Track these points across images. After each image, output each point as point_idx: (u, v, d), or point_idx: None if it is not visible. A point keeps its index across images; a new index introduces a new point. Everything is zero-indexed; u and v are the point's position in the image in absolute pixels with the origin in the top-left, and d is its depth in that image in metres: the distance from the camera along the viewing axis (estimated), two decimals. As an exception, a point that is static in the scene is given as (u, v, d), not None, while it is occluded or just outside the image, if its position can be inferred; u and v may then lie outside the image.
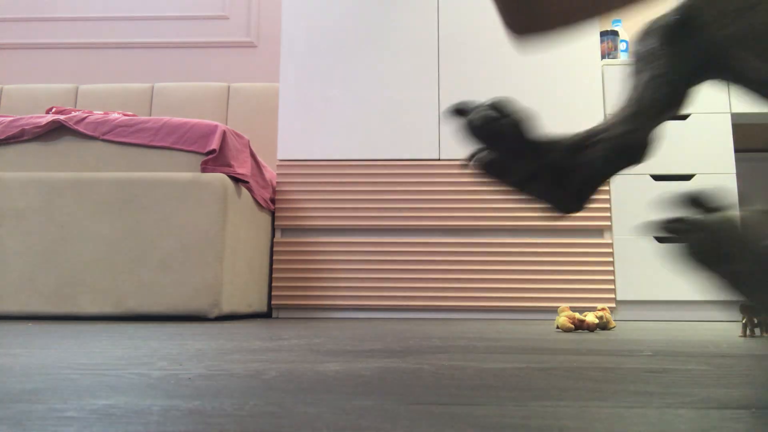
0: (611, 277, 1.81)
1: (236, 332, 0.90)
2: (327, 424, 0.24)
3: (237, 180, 1.56)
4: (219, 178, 1.46)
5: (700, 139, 1.92)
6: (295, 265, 1.86)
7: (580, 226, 1.84)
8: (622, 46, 2.22)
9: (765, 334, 0.84)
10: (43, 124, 1.51)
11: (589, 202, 0.54)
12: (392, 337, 0.77)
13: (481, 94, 1.94)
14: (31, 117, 1.55)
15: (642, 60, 0.54)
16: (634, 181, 1.91)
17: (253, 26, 2.65)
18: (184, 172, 1.47)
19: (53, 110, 1.74)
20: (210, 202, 1.44)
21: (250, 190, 1.66)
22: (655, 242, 1.87)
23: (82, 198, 1.45)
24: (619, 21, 2.31)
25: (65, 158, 1.51)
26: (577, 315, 0.99)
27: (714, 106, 1.93)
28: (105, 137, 1.51)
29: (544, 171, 0.53)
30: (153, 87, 2.46)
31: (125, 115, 1.62)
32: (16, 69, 2.71)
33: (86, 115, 1.56)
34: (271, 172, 1.92)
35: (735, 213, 0.39)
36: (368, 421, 0.24)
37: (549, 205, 0.55)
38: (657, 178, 1.91)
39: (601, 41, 2.17)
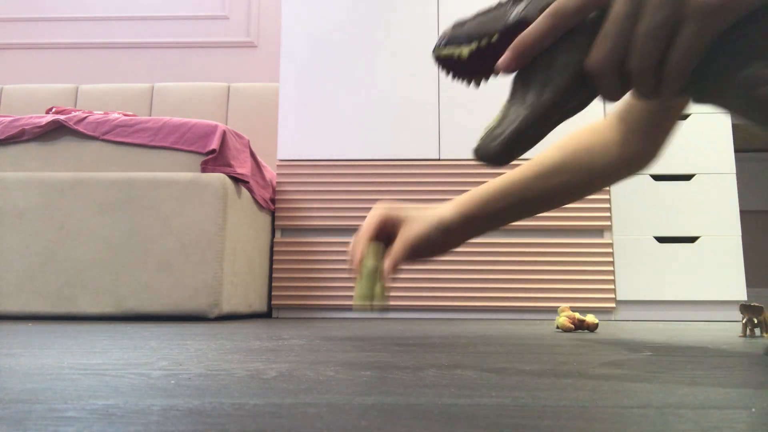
0: (611, 277, 1.81)
1: (236, 332, 0.90)
2: (327, 424, 0.24)
3: (237, 180, 1.56)
4: (219, 178, 1.46)
5: (700, 139, 1.92)
6: (295, 265, 1.86)
7: (580, 226, 1.84)
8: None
9: (765, 335, 0.84)
10: (43, 124, 1.51)
11: None
12: (392, 337, 0.77)
13: (481, 94, 1.94)
14: (31, 117, 1.55)
15: None
16: (634, 181, 1.91)
17: (253, 26, 2.65)
18: (184, 172, 1.47)
19: (53, 110, 1.75)
20: (210, 202, 1.44)
21: (250, 190, 1.66)
22: (655, 242, 1.87)
23: (82, 198, 1.45)
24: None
25: (65, 158, 1.51)
26: (577, 315, 0.99)
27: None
28: (105, 137, 1.51)
29: None
30: (153, 87, 2.46)
31: (125, 115, 1.62)
32: (16, 69, 2.71)
33: (86, 115, 1.56)
34: (271, 172, 1.92)
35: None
36: (368, 421, 0.24)
37: None
38: (657, 178, 1.91)
39: (601, 41, 2.17)
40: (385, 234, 0.69)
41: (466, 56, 0.47)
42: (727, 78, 0.38)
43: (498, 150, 0.44)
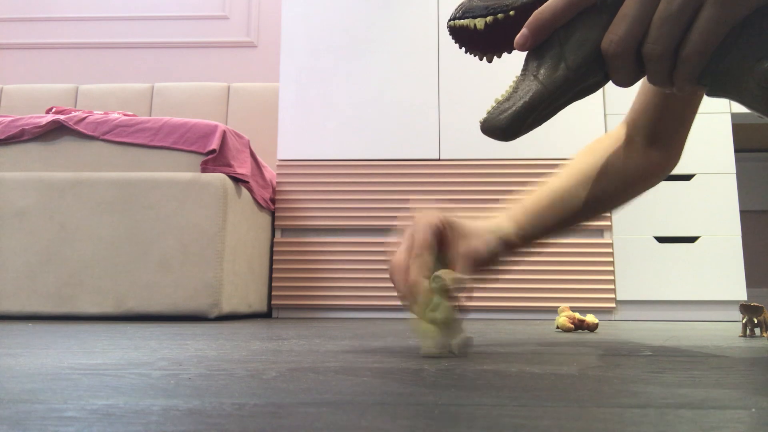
0: (611, 277, 1.81)
1: (236, 332, 0.90)
2: (327, 424, 0.24)
3: (237, 180, 1.56)
4: (219, 178, 1.46)
5: (700, 139, 1.92)
6: (295, 265, 1.86)
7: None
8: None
9: (765, 334, 0.84)
10: (43, 124, 1.51)
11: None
12: (392, 337, 0.77)
13: (481, 94, 1.94)
14: (31, 117, 1.54)
15: None
16: (634, 181, 1.91)
17: (253, 26, 2.65)
18: (184, 172, 1.47)
19: (53, 110, 1.74)
20: (210, 202, 1.44)
21: (250, 190, 1.66)
22: (655, 242, 1.87)
23: (82, 198, 1.45)
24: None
25: (65, 158, 1.51)
26: (577, 315, 0.99)
27: (714, 106, 1.94)
28: (105, 137, 1.51)
29: None
30: (153, 87, 2.46)
31: (125, 115, 1.62)
32: (16, 69, 2.71)
33: (86, 115, 1.56)
34: (271, 172, 1.92)
35: None
36: (368, 421, 0.24)
37: None
38: (657, 178, 1.91)
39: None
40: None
41: (482, 28, 0.46)
42: (743, 70, 0.38)
43: (506, 123, 0.43)
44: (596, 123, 1.91)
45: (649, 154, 0.67)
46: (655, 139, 0.67)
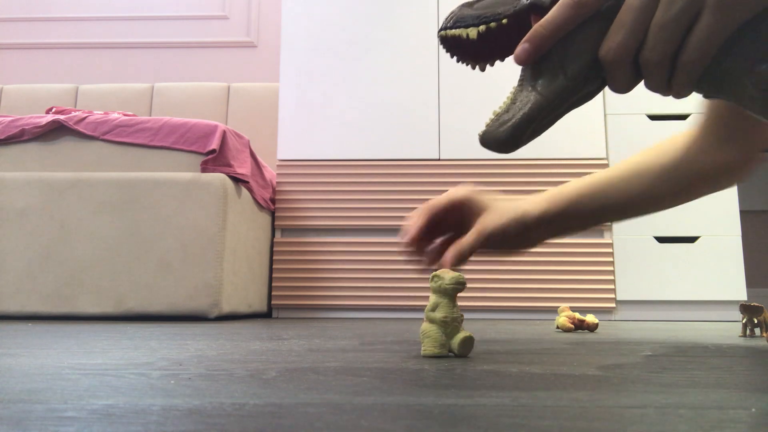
0: (611, 277, 1.81)
1: (236, 332, 0.90)
2: (327, 424, 0.24)
3: (237, 180, 1.56)
4: (219, 178, 1.46)
5: (700, 139, 1.91)
6: (295, 265, 1.86)
7: (580, 226, 1.84)
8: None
9: (765, 334, 0.84)
10: (43, 124, 1.51)
11: None
12: (392, 337, 0.77)
13: (480, 95, 1.94)
14: (31, 117, 1.54)
15: None
16: (634, 181, 1.91)
17: (253, 26, 2.65)
18: (184, 172, 1.47)
19: (53, 110, 1.74)
20: (210, 202, 1.44)
21: (250, 190, 1.66)
22: (655, 242, 1.87)
23: (82, 198, 1.45)
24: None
25: (65, 158, 1.51)
26: (577, 315, 0.99)
27: (714, 106, 1.93)
28: (105, 137, 1.51)
29: None
30: (153, 87, 2.46)
31: (125, 115, 1.62)
32: (16, 69, 2.71)
33: (86, 115, 1.56)
34: (271, 172, 1.92)
35: None
36: (368, 421, 0.24)
37: None
38: (657, 178, 1.91)
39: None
40: (459, 219, 0.62)
41: (475, 38, 0.46)
42: (740, 73, 0.38)
43: (506, 135, 0.43)
44: (596, 123, 1.91)
45: (722, 153, 0.65)
46: (728, 138, 0.65)
